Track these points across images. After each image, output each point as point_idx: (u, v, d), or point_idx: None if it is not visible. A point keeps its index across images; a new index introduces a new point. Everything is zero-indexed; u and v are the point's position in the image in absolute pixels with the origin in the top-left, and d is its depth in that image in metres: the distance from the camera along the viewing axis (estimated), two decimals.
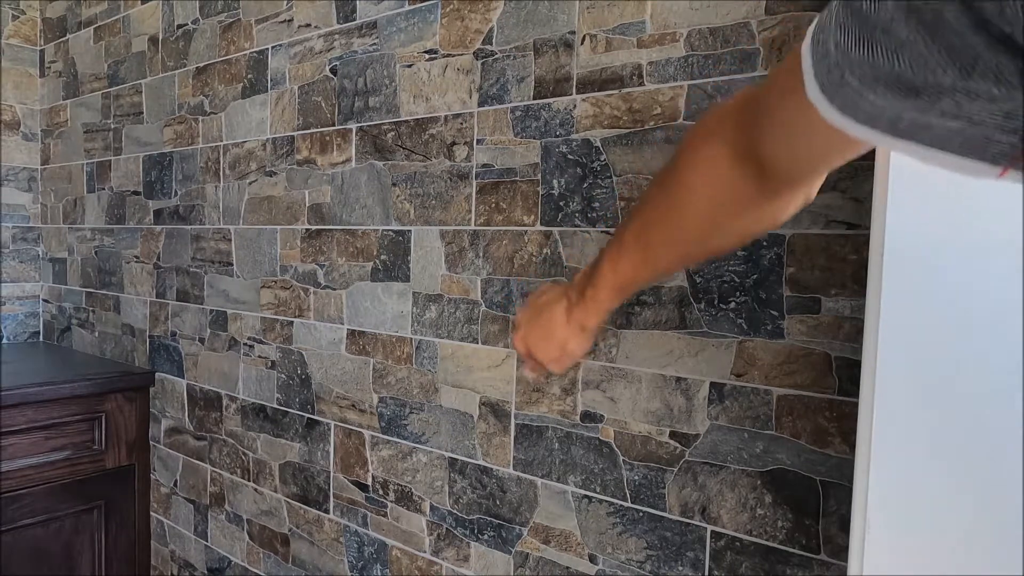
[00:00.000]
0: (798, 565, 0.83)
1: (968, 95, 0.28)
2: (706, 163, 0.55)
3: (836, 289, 0.80)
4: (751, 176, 0.52)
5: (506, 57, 1.08)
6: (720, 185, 0.54)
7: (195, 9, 1.61)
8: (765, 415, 0.85)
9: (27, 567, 1.60)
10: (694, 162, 0.56)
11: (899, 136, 0.34)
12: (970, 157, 0.32)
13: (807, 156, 0.48)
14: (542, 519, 1.06)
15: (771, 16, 0.84)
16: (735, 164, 0.52)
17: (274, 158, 1.44)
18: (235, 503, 1.58)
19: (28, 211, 2.16)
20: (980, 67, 0.27)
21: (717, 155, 0.53)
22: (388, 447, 1.26)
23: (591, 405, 1.00)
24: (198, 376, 1.65)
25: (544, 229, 1.04)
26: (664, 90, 0.92)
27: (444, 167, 1.16)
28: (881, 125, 0.34)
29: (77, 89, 2.01)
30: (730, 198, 0.54)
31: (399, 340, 1.24)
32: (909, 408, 0.57)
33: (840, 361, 0.80)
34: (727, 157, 0.52)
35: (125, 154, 1.84)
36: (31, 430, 1.59)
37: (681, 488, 0.92)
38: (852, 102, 0.34)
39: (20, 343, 2.15)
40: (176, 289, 1.70)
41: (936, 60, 0.28)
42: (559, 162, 1.02)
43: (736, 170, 0.52)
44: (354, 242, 1.30)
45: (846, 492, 0.79)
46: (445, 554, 1.19)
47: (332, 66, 1.33)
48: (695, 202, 0.57)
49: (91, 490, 1.69)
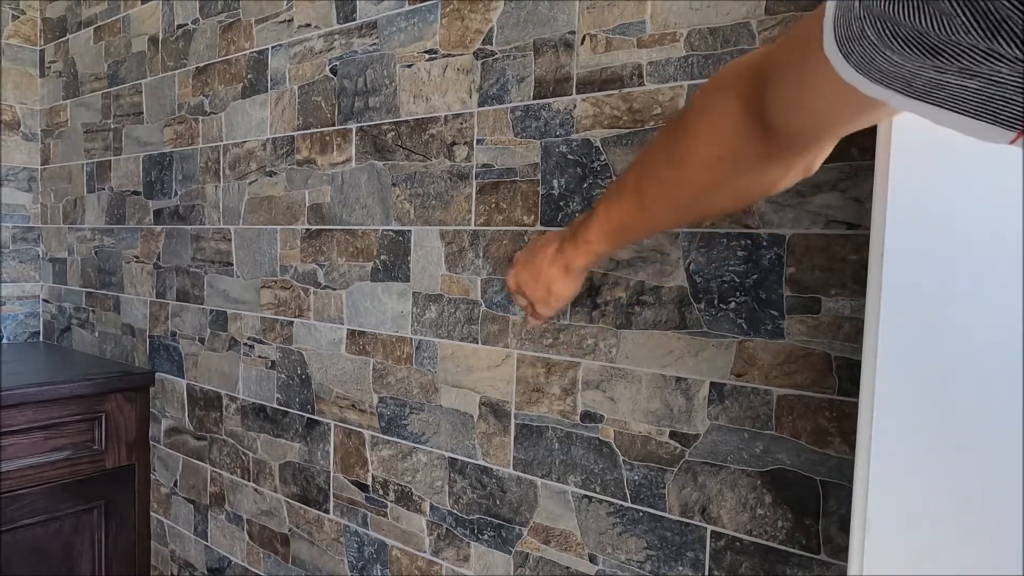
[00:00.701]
0: (798, 565, 0.83)
1: (990, 57, 0.28)
2: (715, 113, 0.54)
3: (836, 289, 0.80)
4: (757, 133, 0.51)
5: (506, 57, 1.08)
6: (726, 137, 0.53)
7: (195, 9, 1.61)
8: (765, 415, 0.85)
9: (27, 567, 1.60)
10: (703, 110, 0.56)
11: (913, 96, 0.33)
12: (984, 119, 0.31)
13: (815, 118, 0.47)
14: (542, 519, 1.06)
15: (771, 16, 0.84)
16: (743, 118, 0.52)
17: (274, 158, 1.44)
18: (235, 503, 1.58)
19: (28, 211, 2.16)
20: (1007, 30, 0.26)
21: (727, 107, 0.53)
22: (388, 447, 1.26)
23: (591, 405, 1.00)
24: (198, 376, 1.65)
25: (544, 229, 1.04)
26: (664, 90, 0.92)
27: (444, 167, 1.16)
28: (896, 84, 0.34)
29: (77, 89, 2.01)
30: (733, 152, 0.54)
31: (399, 340, 1.24)
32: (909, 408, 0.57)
33: (840, 361, 0.80)
34: (737, 110, 0.52)
35: (125, 154, 1.84)
36: (31, 430, 1.59)
37: (681, 488, 0.92)
38: (868, 58, 0.34)
39: (20, 343, 2.15)
40: (176, 289, 1.70)
41: (961, 20, 0.27)
42: (559, 162, 1.02)
43: (743, 124, 0.52)
44: (354, 242, 1.30)
45: (846, 492, 0.79)
46: (445, 554, 1.19)
47: (332, 66, 1.33)
48: (698, 151, 0.56)
49: (91, 490, 1.69)
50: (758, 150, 0.52)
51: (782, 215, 0.83)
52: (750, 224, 0.86)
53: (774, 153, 0.52)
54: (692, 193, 0.60)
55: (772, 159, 0.53)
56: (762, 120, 0.50)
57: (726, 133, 0.53)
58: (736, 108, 0.52)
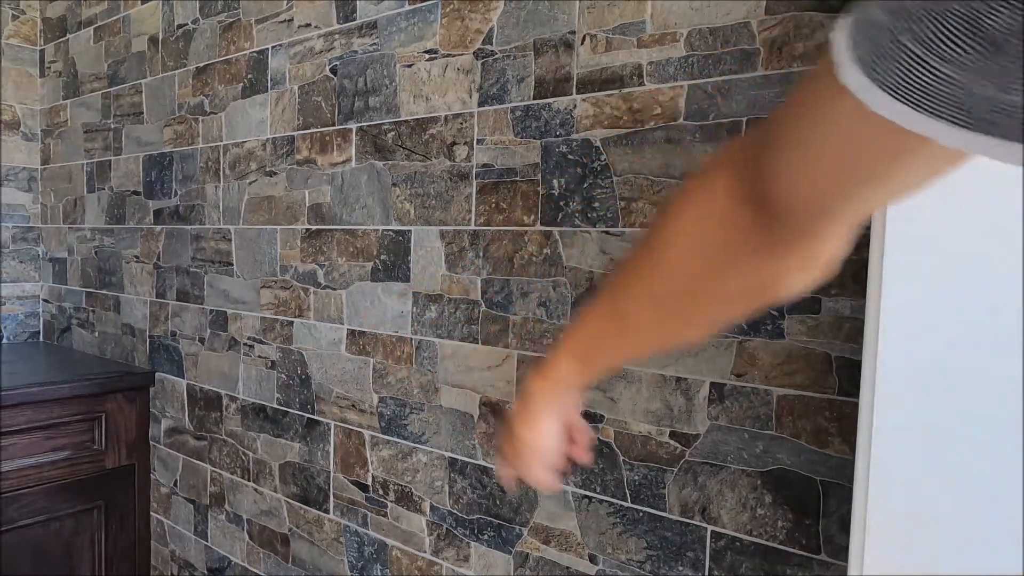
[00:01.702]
0: (798, 565, 0.83)
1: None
2: (700, 196, 0.45)
3: (836, 289, 0.80)
4: (754, 217, 0.41)
5: (506, 57, 1.08)
6: (715, 222, 0.43)
7: (195, 9, 1.61)
8: (765, 415, 0.85)
9: (27, 567, 1.60)
10: (685, 200, 0.46)
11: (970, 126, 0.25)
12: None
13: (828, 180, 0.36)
14: (542, 519, 1.06)
15: (771, 16, 0.84)
16: (735, 198, 0.42)
17: (274, 158, 1.44)
18: (235, 503, 1.58)
19: (28, 211, 2.16)
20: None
21: (714, 188, 0.43)
22: (388, 447, 1.26)
23: (591, 405, 1.00)
24: (198, 376, 1.65)
25: (544, 229, 1.04)
26: (664, 90, 0.92)
27: (444, 167, 1.16)
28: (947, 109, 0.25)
29: (77, 89, 2.01)
30: (726, 240, 0.43)
31: (399, 340, 1.24)
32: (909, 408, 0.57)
33: (840, 361, 0.80)
34: (726, 189, 0.42)
35: (125, 154, 1.84)
36: (31, 430, 1.59)
37: (681, 488, 0.92)
38: (906, 74, 0.26)
39: (20, 343, 2.15)
40: (176, 289, 1.70)
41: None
42: (559, 162, 1.02)
43: (737, 205, 0.42)
44: (354, 242, 1.30)
45: (846, 492, 0.79)
46: (445, 554, 1.19)
47: (332, 66, 1.33)
48: (683, 244, 0.46)
49: (91, 490, 1.69)
50: (757, 235, 0.41)
51: None
52: None
53: (777, 239, 0.41)
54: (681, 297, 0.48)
55: (775, 248, 0.42)
56: (763, 198, 0.40)
57: (714, 218, 0.43)
58: (724, 187, 0.42)
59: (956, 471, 0.56)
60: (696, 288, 0.47)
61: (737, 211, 0.42)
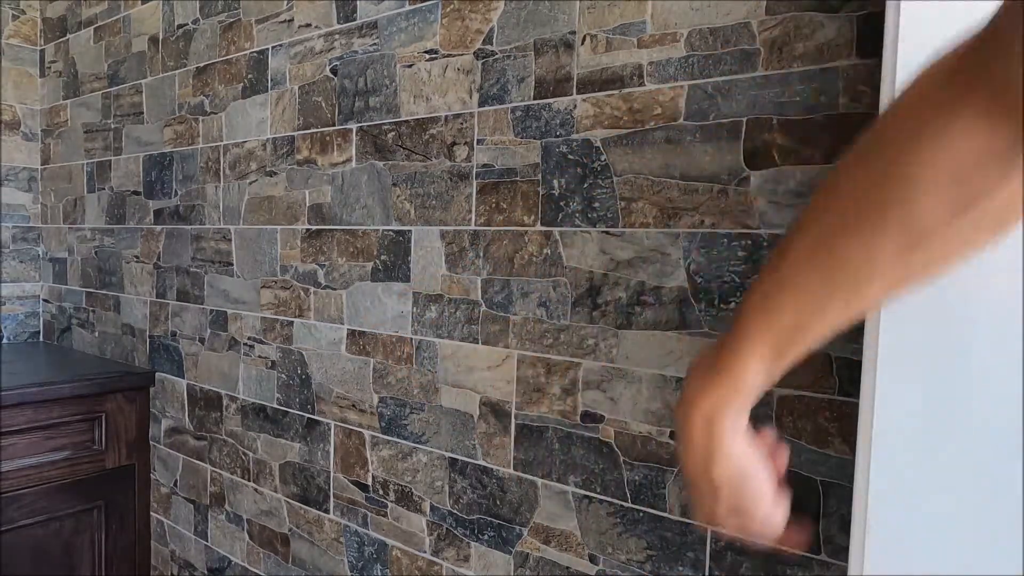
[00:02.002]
0: (798, 565, 0.83)
1: None
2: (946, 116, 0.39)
3: None
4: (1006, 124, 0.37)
5: (506, 57, 1.08)
6: (970, 146, 0.38)
7: (195, 9, 1.61)
8: (765, 415, 0.85)
9: (27, 567, 1.60)
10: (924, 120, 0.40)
11: None
12: None
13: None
14: (542, 519, 1.06)
15: (771, 16, 0.84)
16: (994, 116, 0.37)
17: (274, 158, 1.44)
18: (235, 503, 1.58)
19: (28, 211, 2.16)
20: None
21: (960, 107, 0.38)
22: (388, 447, 1.26)
23: (591, 405, 1.00)
24: (198, 376, 1.65)
25: (544, 229, 1.04)
26: (664, 90, 0.92)
27: (444, 167, 1.16)
28: None
29: (77, 89, 2.01)
30: (984, 163, 0.38)
31: (399, 340, 1.24)
32: (909, 408, 0.57)
33: (840, 361, 0.80)
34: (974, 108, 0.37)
35: (125, 154, 1.84)
36: (31, 430, 1.59)
37: (682, 488, 0.92)
38: None
39: (20, 343, 2.15)
40: (176, 289, 1.70)
41: None
42: (559, 162, 1.02)
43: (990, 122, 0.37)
44: (354, 242, 1.30)
45: (846, 492, 0.79)
46: (445, 554, 1.19)
47: (332, 66, 1.33)
48: (930, 177, 0.39)
49: (91, 490, 1.69)
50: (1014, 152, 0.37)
51: (782, 215, 0.83)
52: (750, 224, 0.86)
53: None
54: (929, 237, 0.41)
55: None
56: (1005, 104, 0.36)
57: (966, 142, 0.38)
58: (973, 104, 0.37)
59: (956, 471, 0.56)
60: (952, 217, 0.40)
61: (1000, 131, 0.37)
